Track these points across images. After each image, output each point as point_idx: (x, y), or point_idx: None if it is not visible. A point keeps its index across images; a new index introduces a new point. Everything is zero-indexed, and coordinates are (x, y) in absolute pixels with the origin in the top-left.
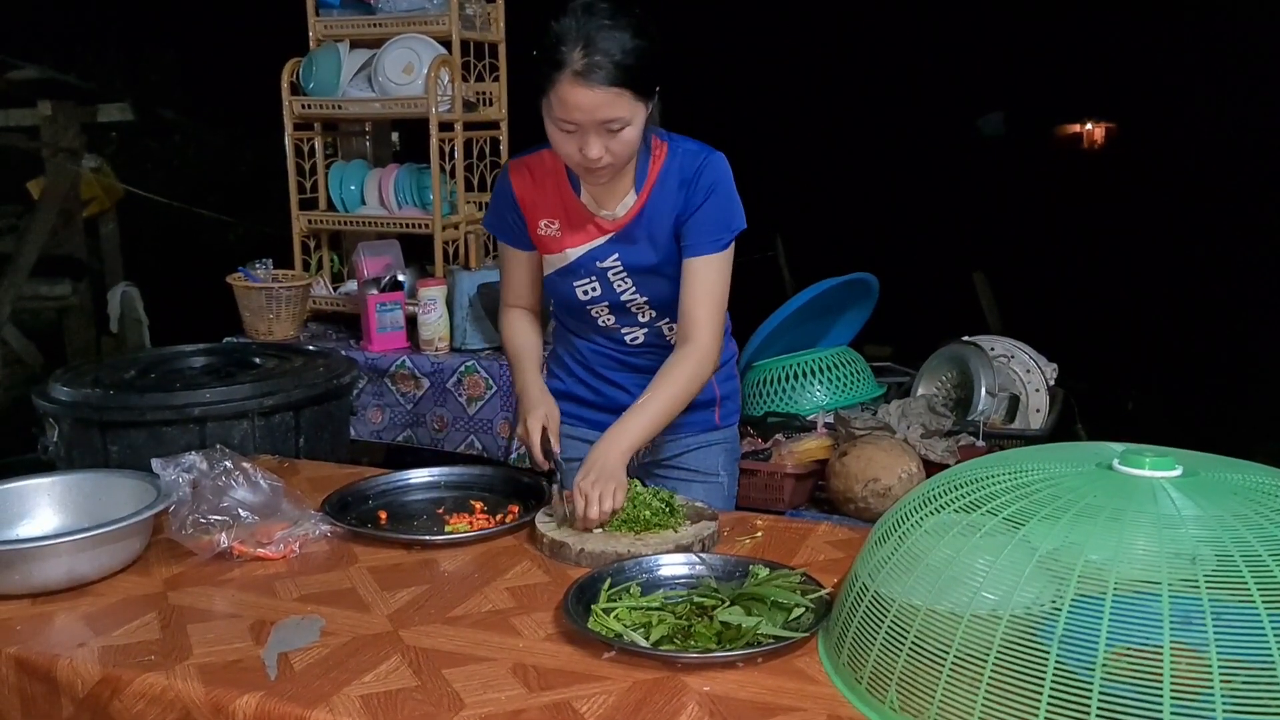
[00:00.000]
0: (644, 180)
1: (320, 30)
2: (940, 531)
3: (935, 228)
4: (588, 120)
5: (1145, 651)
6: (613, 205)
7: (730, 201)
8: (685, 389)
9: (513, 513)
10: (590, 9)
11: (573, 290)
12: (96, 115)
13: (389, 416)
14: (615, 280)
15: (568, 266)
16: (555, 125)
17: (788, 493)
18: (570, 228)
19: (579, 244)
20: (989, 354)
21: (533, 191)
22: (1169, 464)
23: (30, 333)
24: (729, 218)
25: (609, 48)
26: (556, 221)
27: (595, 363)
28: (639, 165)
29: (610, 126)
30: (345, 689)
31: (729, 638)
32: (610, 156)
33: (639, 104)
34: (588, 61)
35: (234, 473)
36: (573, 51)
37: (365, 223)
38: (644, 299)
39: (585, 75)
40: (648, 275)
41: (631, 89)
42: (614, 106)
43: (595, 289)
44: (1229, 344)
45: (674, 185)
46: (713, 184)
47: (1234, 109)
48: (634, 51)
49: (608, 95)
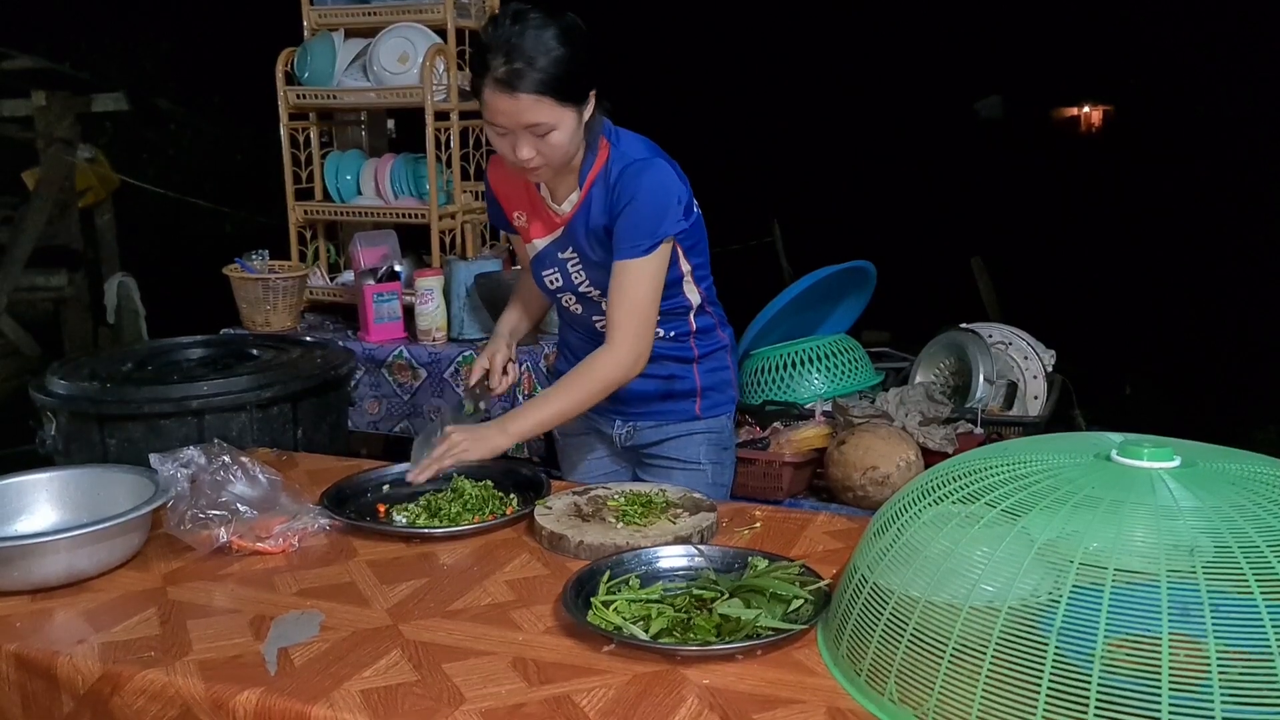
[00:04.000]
0: (585, 178)
1: (315, 20)
2: (939, 523)
3: (933, 213)
4: (513, 124)
5: (1143, 642)
6: (560, 200)
7: (655, 208)
8: (591, 388)
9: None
10: (519, 16)
11: (542, 279)
12: (91, 105)
13: (386, 407)
14: (573, 272)
15: (537, 256)
16: (490, 128)
17: (786, 481)
18: (535, 219)
19: (542, 235)
20: (987, 341)
21: (505, 184)
22: (1167, 455)
23: (27, 324)
24: (653, 225)
25: (531, 56)
26: (525, 213)
27: (579, 349)
28: (584, 163)
29: (535, 131)
30: (345, 684)
31: (728, 630)
32: (541, 158)
33: (565, 109)
34: (508, 69)
35: (232, 467)
36: (495, 58)
37: (361, 213)
38: (597, 291)
39: (507, 82)
40: (596, 269)
41: (553, 96)
42: (535, 112)
43: (558, 279)
44: (1227, 328)
45: (605, 183)
46: (636, 191)
47: (1232, 93)
48: (557, 60)
49: (529, 102)
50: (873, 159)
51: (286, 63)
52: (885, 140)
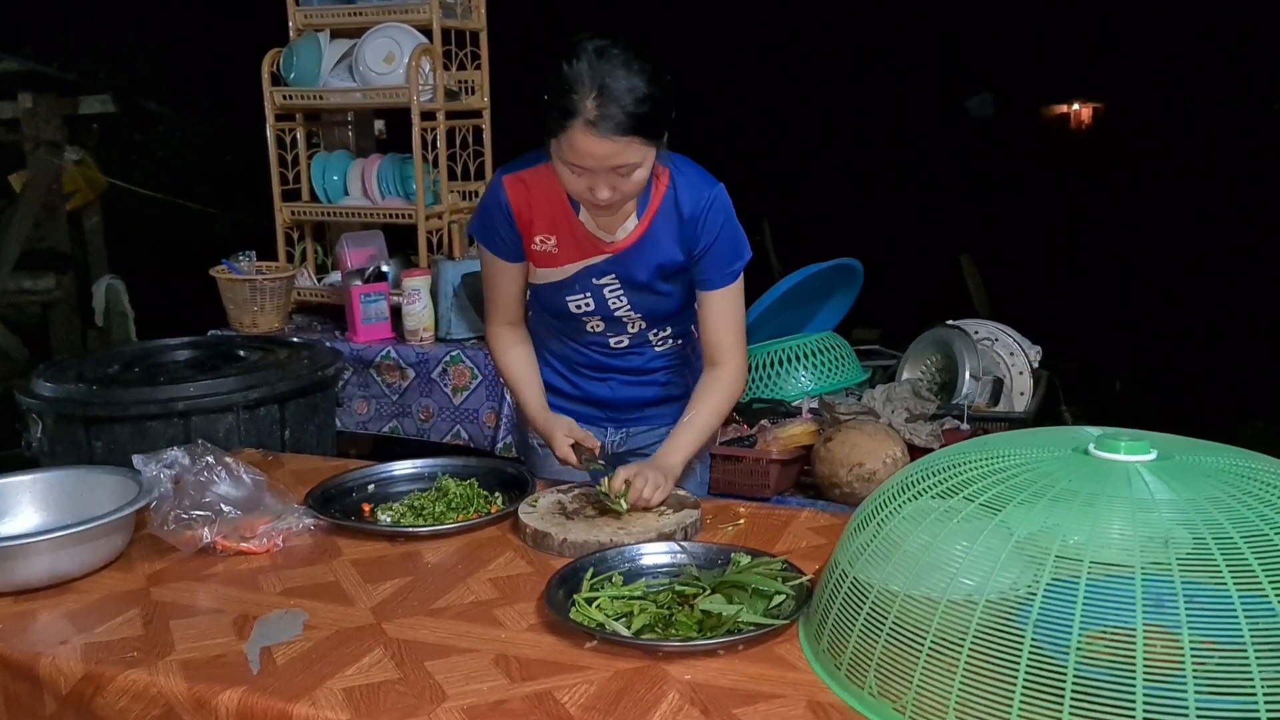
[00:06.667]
0: (645, 207)
1: (300, 20)
2: (918, 517)
3: (922, 211)
4: (599, 167)
5: (1119, 634)
6: (613, 229)
7: (736, 235)
8: (722, 406)
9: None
10: (603, 53)
11: (565, 303)
12: (78, 107)
13: (375, 407)
14: (610, 297)
15: (562, 281)
16: (565, 166)
17: (773, 478)
18: (567, 245)
19: (576, 260)
20: (973, 337)
21: (529, 207)
22: (1144, 448)
23: (14, 327)
24: (738, 249)
25: (623, 97)
26: (553, 237)
27: (577, 360)
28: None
29: (621, 171)
30: (328, 682)
31: (710, 626)
32: (620, 195)
33: (650, 147)
34: (601, 112)
35: (216, 467)
36: (585, 100)
37: (349, 213)
38: (637, 314)
39: (599, 125)
40: (643, 292)
41: (643, 135)
42: (626, 154)
43: (589, 303)
44: (1214, 325)
45: (675, 215)
46: (721, 224)
47: (1221, 90)
48: (648, 100)
49: (621, 144)
50: (862, 157)
51: (272, 63)
52: (874, 138)
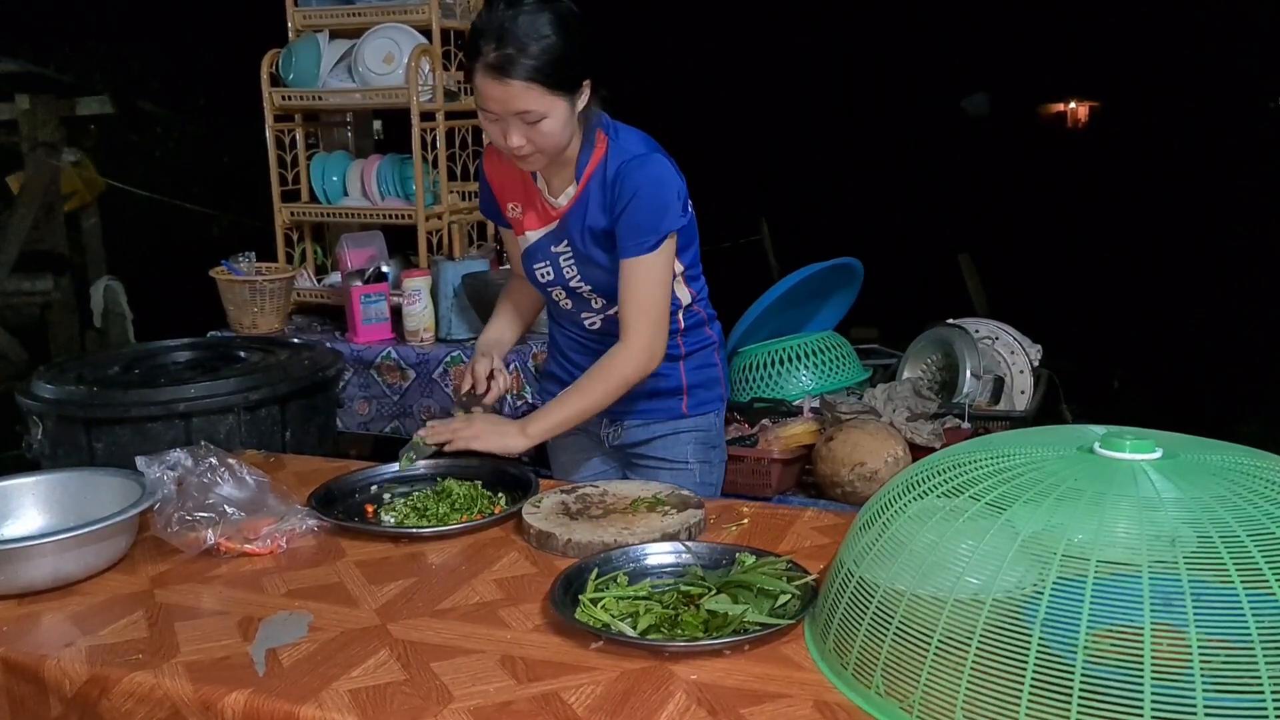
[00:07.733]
0: (583, 172)
1: (299, 21)
2: (924, 517)
3: (921, 210)
4: (503, 111)
5: (1126, 632)
6: (557, 193)
7: (657, 205)
8: (608, 386)
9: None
10: (514, 2)
11: (534, 273)
12: (76, 108)
13: (376, 408)
14: (565, 266)
15: (529, 249)
16: (481, 114)
17: (774, 478)
18: (529, 211)
19: (536, 227)
20: (973, 336)
21: (501, 174)
22: (1149, 446)
23: (13, 329)
24: (656, 221)
25: (523, 42)
26: (519, 204)
27: (565, 346)
28: (581, 157)
29: (526, 119)
30: (334, 684)
31: (716, 626)
32: (532, 146)
33: (556, 98)
34: (499, 55)
35: (219, 469)
36: (487, 43)
37: (348, 214)
38: (589, 287)
39: (497, 68)
40: (588, 264)
41: (543, 84)
42: (525, 100)
43: (549, 273)
44: (1214, 323)
45: (602, 180)
46: (638, 188)
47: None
48: (549, 47)
49: (519, 89)
50: (860, 156)
51: (271, 64)
52: (873, 137)
